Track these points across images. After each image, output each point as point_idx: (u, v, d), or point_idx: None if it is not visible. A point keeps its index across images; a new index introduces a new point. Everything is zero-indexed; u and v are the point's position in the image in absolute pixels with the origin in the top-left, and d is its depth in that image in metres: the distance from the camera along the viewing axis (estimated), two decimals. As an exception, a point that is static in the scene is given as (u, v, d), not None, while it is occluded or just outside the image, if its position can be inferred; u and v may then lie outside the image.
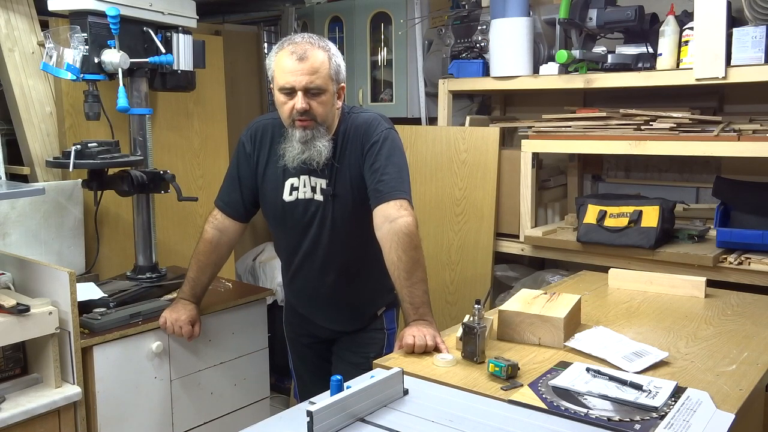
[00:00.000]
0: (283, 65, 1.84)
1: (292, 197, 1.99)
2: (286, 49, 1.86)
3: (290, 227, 2.03)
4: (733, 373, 1.47)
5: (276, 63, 1.87)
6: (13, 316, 1.87)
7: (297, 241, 2.03)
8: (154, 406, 2.19)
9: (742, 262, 2.23)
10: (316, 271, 2.04)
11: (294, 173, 1.97)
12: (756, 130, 2.26)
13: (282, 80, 1.84)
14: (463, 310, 2.77)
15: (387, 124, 1.98)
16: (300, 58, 1.82)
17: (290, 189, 1.99)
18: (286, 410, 1.32)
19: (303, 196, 1.98)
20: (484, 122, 3.02)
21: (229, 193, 2.10)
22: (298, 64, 1.82)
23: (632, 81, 2.48)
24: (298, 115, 1.85)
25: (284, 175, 1.98)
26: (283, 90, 1.85)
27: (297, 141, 1.88)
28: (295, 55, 1.83)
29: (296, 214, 2.00)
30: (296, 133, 1.87)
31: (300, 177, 1.97)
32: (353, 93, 3.45)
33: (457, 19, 3.08)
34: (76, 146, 2.20)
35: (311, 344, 2.20)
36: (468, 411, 1.28)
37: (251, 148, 2.04)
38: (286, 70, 1.83)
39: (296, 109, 1.84)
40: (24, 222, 2.44)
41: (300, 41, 1.86)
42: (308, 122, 1.86)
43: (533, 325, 1.65)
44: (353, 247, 2.00)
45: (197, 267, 2.13)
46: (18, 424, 1.86)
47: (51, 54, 2.18)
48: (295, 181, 1.98)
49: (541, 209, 2.90)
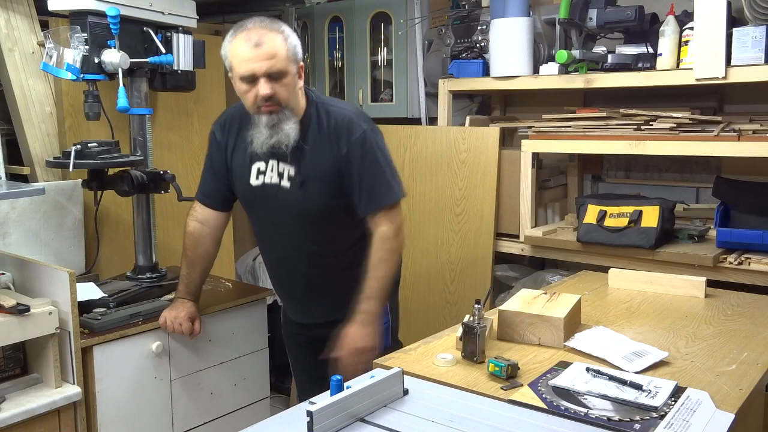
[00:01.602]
0: (240, 53, 1.82)
1: (259, 181, 1.99)
2: (240, 37, 1.84)
3: (261, 214, 2.04)
4: (733, 373, 1.47)
5: (232, 52, 1.85)
6: (13, 316, 1.87)
7: (269, 228, 2.05)
8: (154, 406, 2.19)
9: (742, 262, 2.23)
10: (290, 260, 2.05)
11: (261, 157, 1.98)
12: (756, 130, 2.26)
13: (241, 69, 1.83)
14: (463, 310, 2.77)
15: (365, 124, 1.95)
16: (256, 44, 1.81)
17: (256, 173, 1.99)
18: (286, 410, 1.32)
19: (269, 180, 1.97)
20: (484, 122, 3.02)
21: (206, 184, 2.14)
22: (255, 50, 1.80)
23: (632, 81, 2.48)
24: (263, 101, 1.84)
25: (251, 160, 2.00)
26: (243, 79, 1.84)
27: (264, 127, 1.88)
28: (250, 42, 1.81)
29: (265, 200, 2.00)
30: (263, 119, 1.88)
31: (268, 162, 1.97)
32: (353, 93, 3.45)
33: (457, 19, 3.08)
34: (76, 146, 2.20)
35: (305, 343, 2.19)
36: (468, 411, 1.28)
37: (221, 136, 2.06)
38: (245, 57, 1.81)
39: (260, 95, 1.83)
40: (24, 222, 2.44)
41: (252, 27, 1.84)
42: (273, 107, 1.85)
43: (533, 325, 1.65)
44: (325, 236, 2.01)
45: (186, 263, 2.17)
46: (18, 424, 1.86)
47: (51, 54, 2.18)
48: (262, 165, 1.98)
49: (541, 209, 2.90)
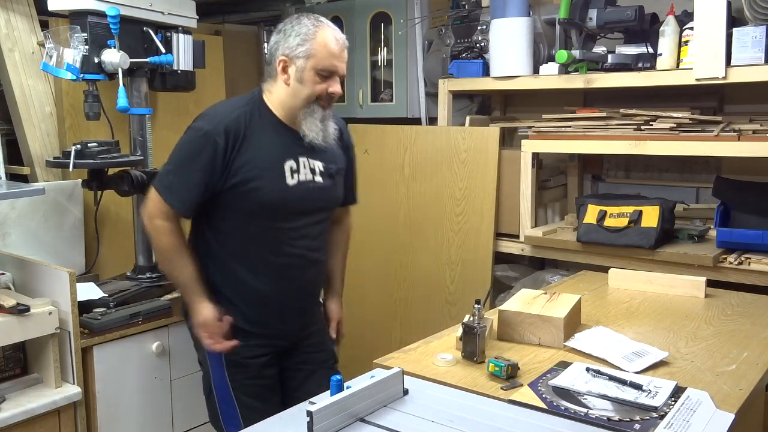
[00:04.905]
0: (330, 48, 1.87)
1: (294, 180, 1.91)
2: (327, 31, 1.88)
3: (286, 214, 1.92)
4: (733, 373, 1.47)
5: (320, 42, 1.86)
6: (13, 316, 1.87)
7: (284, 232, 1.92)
8: (154, 406, 2.19)
9: (742, 262, 2.23)
10: (301, 263, 1.96)
11: (291, 155, 1.91)
12: (756, 130, 2.26)
13: (326, 62, 1.86)
14: (463, 310, 2.77)
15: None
16: (344, 46, 1.91)
17: (290, 172, 1.91)
18: (286, 410, 1.32)
19: (304, 177, 1.93)
20: (484, 122, 3.02)
21: (188, 192, 1.85)
22: (342, 51, 1.90)
23: (632, 81, 2.48)
24: (328, 98, 1.90)
25: (280, 160, 1.89)
26: (322, 71, 1.87)
27: (318, 120, 1.91)
28: (340, 41, 1.89)
29: (300, 198, 1.92)
30: (318, 111, 1.91)
31: (298, 159, 1.92)
32: (353, 93, 3.45)
33: (457, 19, 3.08)
34: (76, 146, 2.20)
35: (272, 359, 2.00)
36: (468, 411, 1.28)
37: (226, 142, 1.83)
38: (334, 53, 1.88)
39: (334, 92, 1.90)
40: (24, 222, 2.45)
41: (333, 27, 1.91)
42: (328, 105, 1.93)
43: (533, 325, 1.65)
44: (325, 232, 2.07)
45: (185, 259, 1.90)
46: (18, 424, 1.86)
47: (51, 54, 2.18)
48: (293, 164, 1.91)
49: (541, 209, 2.90)
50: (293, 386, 2.06)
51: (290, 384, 2.06)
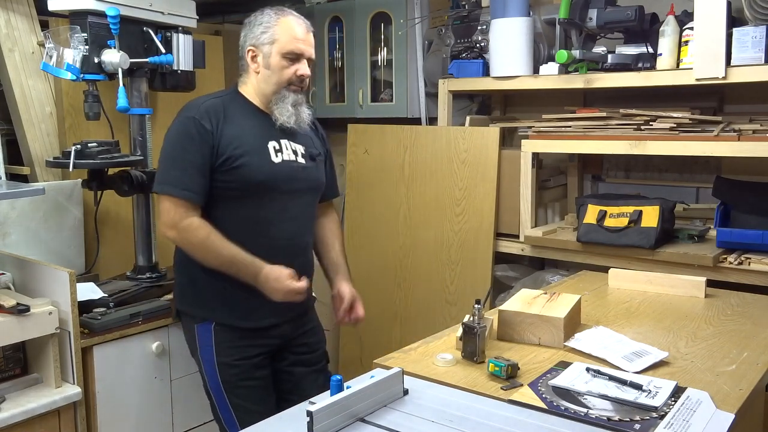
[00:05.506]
0: (294, 32, 1.95)
1: (279, 158, 1.97)
2: (290, 18, 1.97)
3: (276, 194, 1.94)
4: (733, 373, 1.47)
5: (282, 28, 1.95)
6: (13, 316, 1.87)
7: (277, 213, 1.95)
8: (154, 406, 2.19)
9: (742, 262, 2.23)
10: (293, 246, 2.00)
11: (274, 136, 1.99)
12: (756, 130, 2.26)
13: (291, 45, 1.94)
14: (463, 310, 2.77)
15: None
16: (308, 29, 2.00)
17: (274, 151, 1.98)
18: (286, 410, 1.32)
19: (288, 157, 1.99)
20: (484, 122, 3.02)
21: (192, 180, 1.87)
22: (307, 34, 1.98)
23: (632, 81, 2.48)
24: (299, 81, 1.97)
25: (263, 139, 1.97)
26: (288, 54, 1.95)
27: (290, 105, 1.97)
28: (303, 26, 2.00)
29: (286, 177, 1.97)
30: (290, 96, 1.97)
31: (280, 141, 1.99)
32: (353, 93, 3.45)
33: (457, 19, 3.08)
34: (76, 146, 2.20)
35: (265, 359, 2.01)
36: (468, 411, 1.28)
37: (211, 124, 1.89)
38: (298, 36, 1.96)
39: (303, 74, 1.96)
40: (24, 222, 2.45)
41: (297, 15, 1.99)
42: (299, 89, 1.99)
43: (533, 325, 1.65)
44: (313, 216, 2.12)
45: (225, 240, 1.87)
46: (18, 424, 1.86)
47: (51, 54, 2.18)
48: (276, 144, 1.98)
49: (541, 209, 2.90)
50: (287, 389, 2.07)
51: (284, 387, 2.07)
